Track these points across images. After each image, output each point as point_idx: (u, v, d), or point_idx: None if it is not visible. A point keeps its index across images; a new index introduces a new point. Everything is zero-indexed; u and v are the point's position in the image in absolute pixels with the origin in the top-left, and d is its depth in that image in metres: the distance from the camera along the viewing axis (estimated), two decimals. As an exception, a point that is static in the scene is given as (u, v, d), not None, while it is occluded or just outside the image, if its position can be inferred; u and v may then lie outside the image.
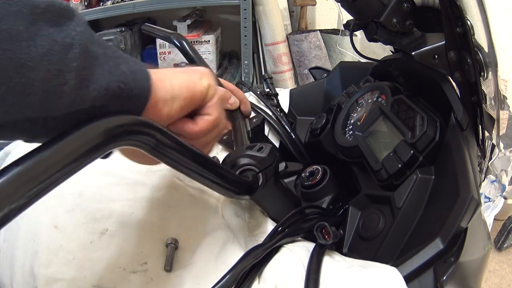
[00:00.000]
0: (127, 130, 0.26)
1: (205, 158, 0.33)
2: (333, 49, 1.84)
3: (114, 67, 0.27)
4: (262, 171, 0.41)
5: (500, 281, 1.43)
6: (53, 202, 0.43)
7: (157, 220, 0.44)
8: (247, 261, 0.36)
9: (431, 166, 0.44)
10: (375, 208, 0.46)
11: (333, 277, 0.35)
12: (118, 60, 0.28)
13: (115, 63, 0.27)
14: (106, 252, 0.41)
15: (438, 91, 0.48)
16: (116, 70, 0.27)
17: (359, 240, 0.46)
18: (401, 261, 0.35)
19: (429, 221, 0.39)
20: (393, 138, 0.48)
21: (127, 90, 0.27)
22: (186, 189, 0.49)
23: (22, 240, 0.42)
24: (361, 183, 0.54)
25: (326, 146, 0.63)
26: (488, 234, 0.44)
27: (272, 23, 1.71)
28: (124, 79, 0.27)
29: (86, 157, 0.24)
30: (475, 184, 0.37)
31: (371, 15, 0.49)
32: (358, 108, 0.61)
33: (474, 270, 0.40)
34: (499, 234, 1.52)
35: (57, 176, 0.22)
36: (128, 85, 0.27)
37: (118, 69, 0.27)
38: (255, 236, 0.47)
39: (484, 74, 0.43)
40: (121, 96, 0.27)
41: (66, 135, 0.23)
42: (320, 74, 0.82)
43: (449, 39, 0.44)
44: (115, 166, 0.47)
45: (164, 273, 0.41)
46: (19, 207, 0.20)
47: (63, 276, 0.39)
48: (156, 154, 0.29)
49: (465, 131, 0.44)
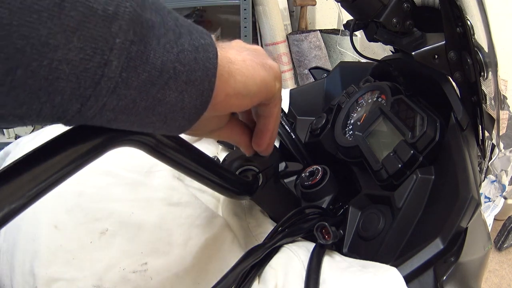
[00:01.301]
0: (127, 130, 0.26)
1: (205, 158, 0.34)
2: (333, 49, 1.84)
3: (174, 40, 0.21)
4: (262, 171, 0.41)
5: (500, 281, 1.43)
6: (53, 202, 0.43)
7: (157, 220, 0.44)
8: (247, 261, 0.36)
9: (431, 166, 0.44)
10: (375, 208, 0.46)
11: (333, 277, 0.35)
12: (180, 30, 0.21)
13: (175, 35, 0.21)
14: (106, 252, 0.41)
15: (438, 91, 0.48)
16: (175, 45, 0.21)
17: (359, 240, 0.46)
18: (401, 261, 0.35)
19: (429, 221, 0.39)
20: (393, 138, 0.48)
21: (186, 73, 0.22)
22: (186, 189, 0.49)
23: (22, 240, 0.42)
24: (361, 183, 0.54)
25: (326, 146, 0.63)
26: (488, 234, 0.44)
27: (272, 23, 1.71)
28: (182, 58, 0.21)
29: (85, 157, 0.24)
30: (475, 184, 0.37)
31: (371, 15, 0.49)
32: (358, 108, 0.61)
33: (474, 270, 0.40)
34: (499, 234, 1.52)
35: (56, 176, 0.22)
36: (187, 65, 0.22)
37: (177, 44, 0.21)
38: (255, 236, 0.47)
39: (484, 74, 0.43)
40: (178, 79, 0.21)
41: (66, 135, 0.23)
42: (320, 74, 0.82)
43: (449, 39, 0.44)
44: (115, 166, 0.47)
45: (164, 273, 0.41)
46: (19, 207, 0.20)
47: (63, 276, 0.39)
48: (156, 154, 0.29)
49: (465, 131, 0.44)
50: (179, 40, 0.21)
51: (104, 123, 0.21)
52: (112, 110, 0.20)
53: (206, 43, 0.23)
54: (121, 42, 0.18)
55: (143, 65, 0.20)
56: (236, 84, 0.26)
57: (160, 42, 0.20)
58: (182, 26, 0.22)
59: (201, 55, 0.22)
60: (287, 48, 1.81)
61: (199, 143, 0.65)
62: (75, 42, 0.17)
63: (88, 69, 0.18)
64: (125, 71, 0.19)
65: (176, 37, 0.21)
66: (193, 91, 0.23)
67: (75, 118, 0.20)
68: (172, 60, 0.21)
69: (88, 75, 0.18)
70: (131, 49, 0.19)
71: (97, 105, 0.20)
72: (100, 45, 0.18)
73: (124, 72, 0.19)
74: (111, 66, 0.18)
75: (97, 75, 0.18)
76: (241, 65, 0.27)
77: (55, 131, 0.24)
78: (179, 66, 0.21)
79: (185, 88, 0.22)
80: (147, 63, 0.20)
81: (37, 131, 0.55)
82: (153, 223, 0.44)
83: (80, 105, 0.19)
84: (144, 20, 0.19)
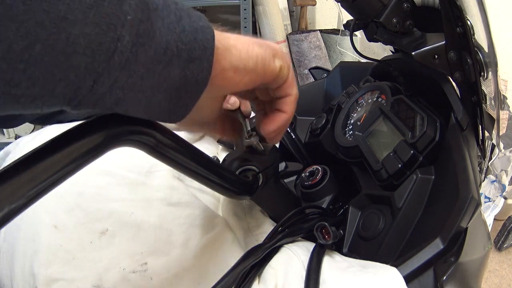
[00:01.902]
0: (126, 130, 0.26)
1: (205, 158, 0.34)
2: (333, 49, 1.84)
3: (176, 21, 0.23)
4: (262, 171, 0.41)
5: (500, 281, 1.43)
6: (53, 202, 0.43)
7: (157, 220, 0.44)
8: (247, 261, 0.36)
9: (431, 166, 0.44)
10: (375, 208, 0.47)
11: (333, 277, 0.35)
12: (180, 13, 0.24)
13: (176, 17, 0.23)
14: (106, 252, 0.41)
15: (438, 91, 0.48)
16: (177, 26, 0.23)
17: (359, 240, 0.46)
18: (401, 261, 0.35)
19: (429, 221, 0.39)
20: (393, 138, 0.48)
21: (187, 51, 0.24)
22: (186, 189, 0.49)
23: (22, 240, 0.42)
24: (361, 183, 0.54)
25: (326, 146, 0.63)
26: (488, 234, 0.44)
27: (272, 23, 1.71)
28: (184, 37, 0.23)
29: (86, 157, 0.24)
30: (475, 184, 0.37)
31: (371, 15, 0.49)
32: (358, 108, 0.61)
33: (474, 270, 0.40)
34: (499, 234, 1.52)
35: (57, 176, 0.22)
36: (188, 44, 0.23)
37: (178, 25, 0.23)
38: (255, 236, 0.47)
39: (484, 74, 0.43)
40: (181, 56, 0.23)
41: (66, 135, 0.23)
42: (320, 74, 0.82)
43: (449, 39, 0.44)
44: (115, 166, 0.47)
45: (164, 273, 0.41)
46: (19, 207, 0.20)
47: (63, 276, 0.39)
48: (156, 154, 0.29)
49: (465, 131, 0.44)
50: (180, 22, 0.23)
51: (113, 104, 0.22)
52: (122, 87, 0.22)
53: (204, 25, 0.25)
54: (132, 19, 0.20)
55: (149, 42, 0.21)
56: (231, 58, 0.28)
57: (164, 23, 0.22)
58: (182, 10, 0.24)
59: (200, 36, 0.24)
60: (287, 48, 1.82)
61: (199, 143, 0.65)
62: (91, 18, 0.19)
63: (103, 43, 0.19)
64: (134, 46, 0.21)
65: (177, 19, 0.23)
66: (194, 68, 0.25)
67: (86, 98, 0.21)
68: (175, 39, 0.23)
69: (102, 48, 0.20)
70: (139, 27, 0.21)
71: (108, 81, 0.21)
72: (113, 21, 0.19)
73: (134, 47, 0.21)
74: (123, 40, 0.20)
75: (110, 49, 0.20)
76: (236, 40, 0.29)
77: (55, 131, 0.24)
78: (181, 45, 0.23)
79: (187, 65, 0.24)
80: (153, 40, 0.22)
81: (37, 131, 0.55)
82: (153, 223, 0.44)
83: (92, 81, 0.20)
84: (150, 1, 0.21)
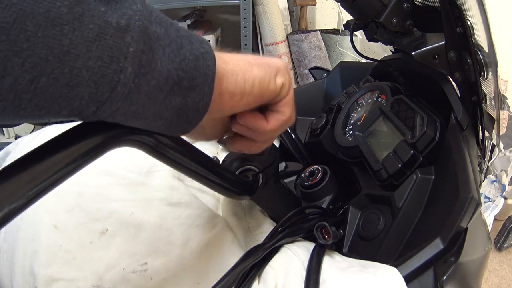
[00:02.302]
0: (126, 130, 0.26)
1: (205, 158, 0.34)
2: (333, 49, 1.84)
3: (177, 50, 0.23)
4: (262, 171, 0.41)
5: (500, 281, 1.43)
6: (53, 202, 0.43)
7: (157, 220, 0.44)
8: (247, 261, 0.36)
9: (431, 166, 0.44)
10: (375, 208, 0.46)
11: (333, 277, 0.35)
12: (181, 40, 0.24)
13: (177, 45, 0.23)
14: (106, 252, 0.41)
15: (438, 91, 0.48)
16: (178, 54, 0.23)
17: (359, 240, 0.46)
18: (401, 261, 0.35)
19: (429, 221, 0.39)
20: (393, 138, 0.48)
21: (188, 79, 0.24)
22: (186, 189, 0.49)
23: (22, 240, 0.42)
24: (361, 183, 0.54)
25: (326, 146, 0.63)
26: (488, 234, 0.44)
27: (272, 23, 1.71)
28: (184, 66, 0.23)
29: (86, 157, 0.24)
30: (475, 184, 0.37)
31: (371, 15, 0.49)
32: (358, 108, 0.61)
33: (474, 270, 0.40)
34: (499, 234, 1.52)
35: (57, 176, 0.22)
36: (189, 73, 0.24)
37: (179, 53, 0.23)
38: (255, 236, 0.47)
39: (484, 74, 0.43)
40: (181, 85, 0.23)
41: (66, 135, 0.23)
42: (320, 74, 0.82)
43: (449, 39, 0.44)
44: (115, 166, 0.47)
45: (164, 273, 0.41)
46: (19, 207, 0.20)
47: (63, 276, 0.39)
48: (156, 154, 0.29)
49: (465, 131, 0.44)
50: (181, 50, 0.23)
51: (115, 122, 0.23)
52: (124, 114, 0.22)
53: (205, 52, 0.25)
54: (134, 51, 0.20)
55: (151, 72, 0.22)
56: (228, 84, 0.28)
57: (165, 52, 0.22)
58: (183, 37, 0.24)
59: (200, 63, 0.25)
60: (287, 48, 1.81)
61: (199, 143, 0.65)
62: (94, 51, 0.19)
63: (106, 75, 0.20)
64: (137, 77, 0.21)
65: (178, 47, 0.23)
66: (195, 96, 0.25)
67: (90, 118, 0.22)
68: (176, 68, 0.23)
69: (105, 80, 0.20)
70: (142, 57, 0.21)
71: (111, 108, 0.21)
72: (116, 53, 0.20)
73: (137, 78, 0.21)
74: (126, 72, 0.20)
75: (113, 81, 0.20)
76: (234, 64, 0.28)
77: (55, 131, 0.24)
78: (182, 73, 0.23)
79: (188, 93, 0.24)
80: (155, 70, 0.22)
81: (37, 131, 0.55)
82: (153, 223, 0.44)
83: (95, 108, 0.21)
84: (151, 32, 0.22)
